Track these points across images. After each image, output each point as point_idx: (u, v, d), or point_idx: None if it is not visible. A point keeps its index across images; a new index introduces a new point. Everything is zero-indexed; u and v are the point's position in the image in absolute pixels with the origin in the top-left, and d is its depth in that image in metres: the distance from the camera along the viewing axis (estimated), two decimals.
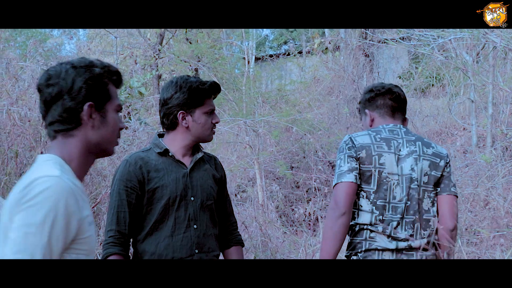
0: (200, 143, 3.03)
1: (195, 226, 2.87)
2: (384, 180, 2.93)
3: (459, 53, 9.15)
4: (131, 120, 8.19)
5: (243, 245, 3.23)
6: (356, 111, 12.36)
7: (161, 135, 3.01)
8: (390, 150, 2.95)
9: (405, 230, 2.90)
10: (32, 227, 1.67)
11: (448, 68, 11.68)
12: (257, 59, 19.23)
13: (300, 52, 18.62)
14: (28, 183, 1.72)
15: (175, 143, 2.92)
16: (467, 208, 7.64)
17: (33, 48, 7.24)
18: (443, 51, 9.31)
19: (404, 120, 3.20)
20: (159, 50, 13.34)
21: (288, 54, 16.56)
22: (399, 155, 2.96)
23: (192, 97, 2.85)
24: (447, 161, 3.05)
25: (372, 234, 2.90)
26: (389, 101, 3.13)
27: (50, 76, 1.88)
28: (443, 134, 11.38)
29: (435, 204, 3.03)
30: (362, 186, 2.95)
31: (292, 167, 10.88)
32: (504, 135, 9.28)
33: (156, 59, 13.31)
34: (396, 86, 3.21)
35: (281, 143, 10.68)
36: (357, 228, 2.95)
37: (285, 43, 24.93)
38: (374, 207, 2.91)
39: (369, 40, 12.68)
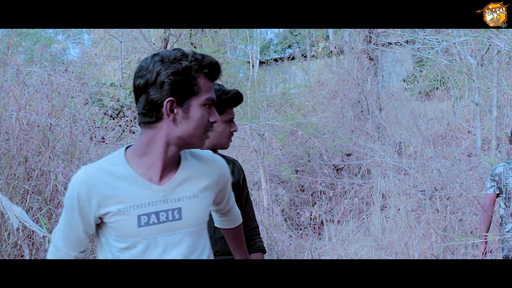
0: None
1: None
2: (510, 191, 4.91)
3: (463, 57, 9.15)
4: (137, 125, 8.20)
5: (264, 251, 3.17)
6: (363, 115, 12.38)
7: None
8: None
9: None
10: (60, 217, 2.02)
11: (452, 71, 11.68)
12: (261, 63, 19.25)
13: (304, 56, 18.64)
14: None
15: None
16: (472, 211, 7.65)
17: (39, 53, 7.29)
18: (449, 55, 9.32)
19: None
20: None
21: (293, 58, 16.59)
22: None
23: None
24: None
25: (504, 222, 4.96)
26: None
27: (141, 67, 1.93)
28: (448, 137, 11.39)
29: None
30: (500, 195, 5.00)
31: (297, 170, 10.90)
32: (509, 138, 9.27)
33: None
34: None
35: (286, 146, 10.71)
36: (500, 218, 5.05)
37: (289, 47, 24.96)
38: (505, 205, 4.93)
39: (373, 44, 12.70)
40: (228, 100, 2.90)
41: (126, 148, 2.04)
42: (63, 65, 7.92)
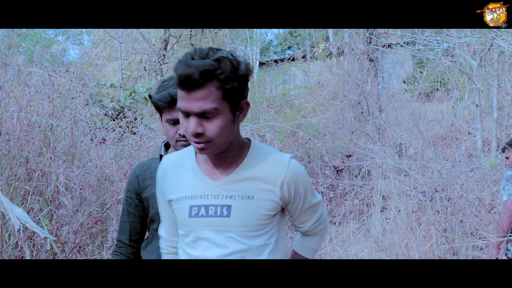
0: None
1: None
2: None
3: (464, 58, 9.15)
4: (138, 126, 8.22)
5: None
6: (363, 116, 12.36)
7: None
8: None
9: None
10: None
11: (452, 73, 11.69)
12: (261, 64, 19.26)
13: (304, 57, 18.64)
14: None
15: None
16: (472, 212, 7.64)
17: (39, 54, 7.29)
18: (451, 56, 9.32)
19: None
20: (164, 55, 13.40)
21: (293, 59, 16.59)
22: None
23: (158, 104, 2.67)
24: None
25: None
26: None
27: None
28: (448, 139, 11.38)
29: None
30: None
31: None
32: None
33: (161, 64, 13.35)
34: None
35: (286, 148, 10.68)
36: None
37: (289, 48, 24.96)
38: None
39: (374, 45, 12.69)
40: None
41: None
42: (63, 65, 7.91)
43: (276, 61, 18.00)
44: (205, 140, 1.90)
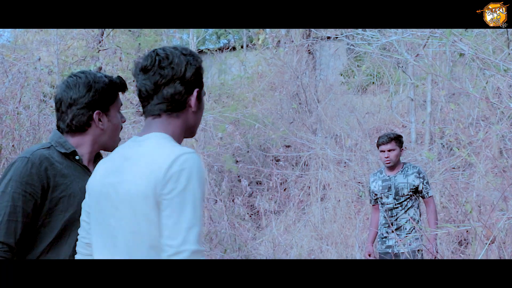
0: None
1: None
2: None
3: (400, 53, 9.40)
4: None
5: None
6: (301, 108, 12.53)
7: None
8: None
9: None
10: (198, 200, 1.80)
11: (388, 67, 12.01)
12: (199, 52, 19.15)
13: (242, 47, 18.67)
14: (172, 160, 1.80)
15: (83, 147, 2.48)
16: None
17: None
18: (386, 49, 9.56)
19: None
20: (100, 41, 13.14)
21: (234, 49, 16.57)
22: None
23: (107, 94, 2.46)
24: None
25: None
26: None
27: (162, 59, 1.93)
28: (383, 131, 11.70)
29: None
30: None
31: (237, 161, 10.96)
32: (442, 133, 9.68)
33: (99, 50, 13.08)
34: None
35: (226, 137, 10.74)
36: None
37: (225, 37, 24.93)
38: None
39: (313, 38, 12.85)
40: (118, 86, 2.54)
41: None
42: None
43: (217, 50, 17.96)
44: None
